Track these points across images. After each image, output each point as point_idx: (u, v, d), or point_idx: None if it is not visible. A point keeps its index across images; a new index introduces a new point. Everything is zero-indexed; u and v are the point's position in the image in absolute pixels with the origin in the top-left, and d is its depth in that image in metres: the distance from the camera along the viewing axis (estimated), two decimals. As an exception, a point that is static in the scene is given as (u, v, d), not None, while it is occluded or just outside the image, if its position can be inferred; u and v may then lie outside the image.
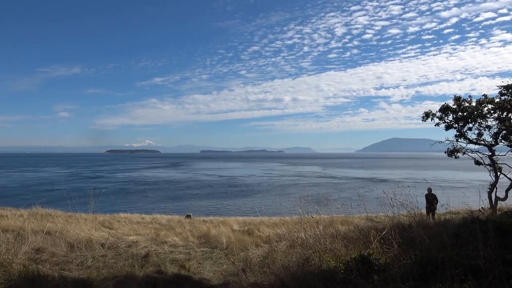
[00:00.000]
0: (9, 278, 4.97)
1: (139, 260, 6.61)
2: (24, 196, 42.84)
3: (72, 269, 5.88)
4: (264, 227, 10.62)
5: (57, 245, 7.06)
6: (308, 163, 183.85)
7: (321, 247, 6.02)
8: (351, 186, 52.11)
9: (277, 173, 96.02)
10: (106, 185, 59.83)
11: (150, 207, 35.10)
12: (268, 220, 13.37)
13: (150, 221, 15.22)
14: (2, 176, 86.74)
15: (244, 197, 45.84)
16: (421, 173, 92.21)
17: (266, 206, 32.25)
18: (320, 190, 47.85)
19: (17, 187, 58.24)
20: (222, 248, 8.13)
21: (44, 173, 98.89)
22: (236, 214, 25.39)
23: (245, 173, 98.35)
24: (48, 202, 15.96)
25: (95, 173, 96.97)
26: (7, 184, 64.73)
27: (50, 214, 14.57)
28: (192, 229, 11.56)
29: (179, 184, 63.72)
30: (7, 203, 16.57)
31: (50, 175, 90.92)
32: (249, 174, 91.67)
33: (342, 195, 41.68)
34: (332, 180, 70.56)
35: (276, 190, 52.70)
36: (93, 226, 10.11)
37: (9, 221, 10.77)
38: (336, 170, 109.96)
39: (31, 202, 16.12)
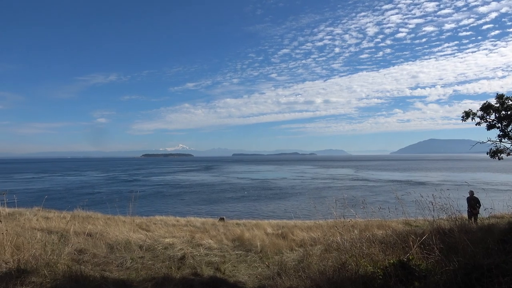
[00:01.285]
0: (54, 277, 5.20)
1: (175, 262, 6.73)
2: (67, 199, 44.84)
3: (112, 270, 6.06)
4: (298, 231, 10.53)
5: (97, 247, 7.32)
6: (341, 165, 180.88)
7: (358, 252, 5.89)
8: (387, 189, 50.74)
9: (309, 176, 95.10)
10: (142, 188, 61.52)
11: (184, 210, 35.73)
12: (302, 224, 13.25)
13: (185, 224, 15.48)
14: (47, 179, 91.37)
15: (278, 200, 45.66)
16: (460, 175, 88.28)
17: (299, 209, 32.04)
18: (356, 193, 46.99)
19: (61, 190, 61.06)
20: (256, 251, 8.12)
21: (84, 176, 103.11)
22: (269, 217, 25.34)
23: (277, 176, 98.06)
24: (88, 204, 16.65)
25: (131, 177, 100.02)
26: (51, 187, 68.09)
27: (91, 216, 15.18)
28: (226, 232, 11.66)
29: (212, 187, 64.46)
30: (51, 206, 17.40)
31: (90, 178, 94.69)
32: (281, 177, 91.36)
33: (378, 198, 40.69)
34: (368, 183, 68.95)
35: (310, 193, 52.17)
36: (131, 228, 10.43)
37: (54, 223, 11.31)
38: (369, 173, 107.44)
39: (73, 204, 16.87)
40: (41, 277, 5.11)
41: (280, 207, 38.59)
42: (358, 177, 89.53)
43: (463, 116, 15.67)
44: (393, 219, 13.05)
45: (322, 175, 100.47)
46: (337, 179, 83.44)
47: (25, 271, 5.20)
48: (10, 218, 12.20)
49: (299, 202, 42.48)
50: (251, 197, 48.69)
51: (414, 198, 7.80)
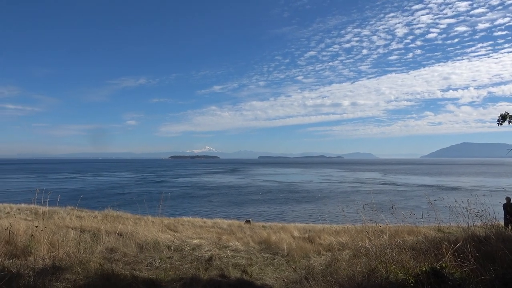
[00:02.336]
0: (87, 275, 5.35)
1: (203, 263, 6.78)
2: (99, 199, 46.32)
3: (142, 269, 6.18)
4: (325, 235, 10.38)
5: (128, 246, 7.48)
6: (368, 169, 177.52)
7: (388, 258, 5.73)
8: (418, 194, 49.36)
9: (335, 179, 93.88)
10: (170, 190, 62.64)
11: (211, 212, 36.12)
12: (329, 228, 13.06)
13: (212, 225, 15.64)
14: (79, 180, 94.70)
15: (304, 203, 45.32)
16: (496, 180, 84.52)
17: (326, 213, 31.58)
18: (385, 197, 45.96)
19: (93, 190, 63.16)
20: (283, 254, 8.06)
21: (115, 177, 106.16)
22: (296, 221, 25.17)
23: (303, 179, 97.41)
24: (119, 205, 17.13)
25: (159, 178, 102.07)
26: (84, 187, 70.55)
27: (121, 216, 15.59)
28: (253, 234, 11.65)
29: (239, 190, 64.81)
30: (84, 205, 18.02)
31: (120, 179, 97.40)
32: (307, 180, 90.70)
33: (409, 203, 39.59)
34: (397, 188, 67.30)
35: (338, 196, 51.50)
36: (160, 229, 10.62)
37: (86, 222, 11.68)
38: (397, 177, 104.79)
39: (104, 204, 17.45)
40: (74, 274, 5.28)
41: (306, 211, 38.29)
42: (386, 181, 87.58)
43: (499, 119, 14.96)
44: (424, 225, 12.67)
45: (349, 178, 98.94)
46: (365, 183, 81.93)
47: (60, 268, 5.39)
48: (46, 217, 12.72)
49: (326, 205, 41.97)
50: (277, 200, 48.57)
51: (447, 204, 7.52)
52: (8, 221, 8.79)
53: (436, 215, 7.44)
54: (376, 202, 8.16)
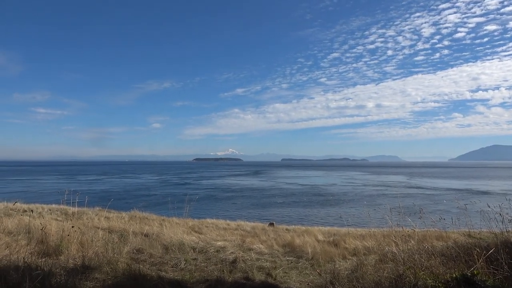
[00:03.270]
0: (115, 274, 5.47)
1: (227, 265, 6.81)
2: (126, 200, 47.38)
3: (167, 270, 6.26)
4: (350, 239, 10.19)
5: (154, 247, 7.61)
6: (393, 172, 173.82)
7: (416, 264, 5.58)
8: (448, 198, 47.88)
9: (359, 183, 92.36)
10: (194, 192, 63.41)
11: (234, 214, 36.26)
12: (354, 232, 12.83)
13: (236, 228, 15.67)
14: (106, 181, 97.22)
15: (329, 206, 44.78)
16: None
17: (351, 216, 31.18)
18: (412, 201, 44.89)
19: (120, 192, 64.69)
20: (307, 258, 7.97)
21: (140, 179, 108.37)
22: (320, 224, 24.93)
23: (326, 182, 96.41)
24: (145, 206, 17.47)
25: (183, 180, 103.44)
26: (111, 189, 72.39)
27: (147, 218, 15.88)
28: (276, 237, 11.61)
29: (262, 192, 64.81)
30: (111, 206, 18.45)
31: (145, 181, 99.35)
32: (330, 183, 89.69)
33: (438, 208, 38.45)
34: (425, 191, 65.52)
35: (363, 200, 50.58)
36: (185, 230, 10.75)
37: (114, 222, 11.95)
38: (424, 180, 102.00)
39: (131, 205, 17.83)
40: (103, 274, 5.41)
41: (331, 214, 37.84)
42: (412, 184, 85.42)
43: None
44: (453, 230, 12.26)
45: (373, 181, 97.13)
46: (390, 186, 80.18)
47: (89, 267, 5.53)
48: (76, 217, 13.12)
49: (351, 209, 41.39)
50: (301, 203, 48.24)
51: (478, 208, 7.27)
52: (40, 221, 9.12)
53: (467, 220, 7.19)
54: (403, 206, 7.95)
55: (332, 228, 16.79)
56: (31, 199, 24.75)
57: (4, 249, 5.99)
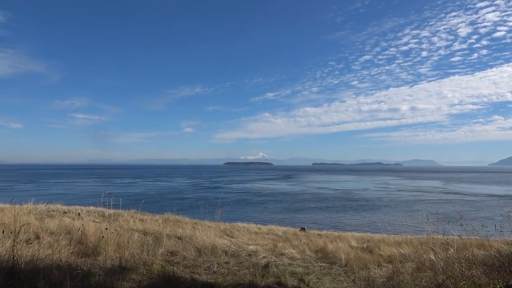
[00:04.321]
0: (150, 276, 5.58)
1: (259, 269, 6.78)
2: (160, 203, 48.56)
3: (201, 273, 6.32)
4: (385, 246, 9.90)
5: (187, 250, 7.71)
6: (429, 177, 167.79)
7: (456, 273, 5.35)
8: (490, 205, 45.66)
9: (393, 188, 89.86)
10: (226, 196, 63.99)
11: (265, 218, 36.25)
12: (389, 238, 12.45)
13: (267, 232, 15.62)
14: (141, 185, 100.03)
15: (363, 211, 43.83)
16: None
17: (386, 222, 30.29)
18: (452, 207, 43.20)
19: (154, 195, 66.40)
20: (341, 264, 7.81)
21: (173, 183, 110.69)
22: (353, 230, 24.43)
23: (358, 186, 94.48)
24: (178, 209, 17.79)
25: (214, 184, 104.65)
26: (145, 192, 74.43)
27: (180, 220, 16.14)
28: (308, 242, 11.46)
29: (294, 196, 64.43)
30: (145, 209, 18.94)
31: (178, 184, 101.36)
32: (363, 188, 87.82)
33: (479, 215, 36.71)
34: (464, 197, 62.82)
35: (399, 206, 49.17)
36: (217, 234, 10.84)
37: (148, 225, 12.24)
38: (462, 186, 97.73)
39: (165, 208, 18.22)
40: (139, 275, 5.54)
41: (364, 220, 37.01)
42: (450, 190, 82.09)
43: None
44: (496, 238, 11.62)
45: (408, 187, 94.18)
46: (426, 191, 77.43)
47: (126, 268, 5.68)
48: (112, 219, 13.53)
49: (386, 215, 40.29)
50: (334, 208, 47.51)
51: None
52: (79, 222, 9.47)
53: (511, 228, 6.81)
54: (441, 213, 7.64)
55: (365, 234, 16.39)
56: (70, 201, 25.87)
57: (47, 248, 6.27)
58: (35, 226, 8.51)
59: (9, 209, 10.66)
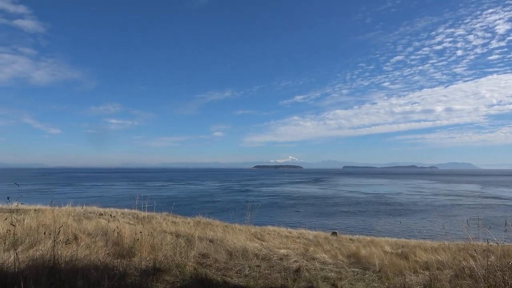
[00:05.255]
0: (183, 278, 5.66)
1: (291, 274, 6.72)
2: (191, 206, 49.32)
3: (232, 275, 6.34)
4: (420, 252, 9.56)
5: (218, 252, 7.77)
6: (465, 180, 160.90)
7: (498, 281, 5.09)
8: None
9: (428, 191, 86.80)
10: (256, 199, 64.14)
11: (295, 222, 35.96)
12: (425, 244, 12.03)
13: (298, 236, 15.51)
14: (172, 188, 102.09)
15: (398, 216, 42.50)
16: None
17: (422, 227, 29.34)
18: (494, 213, 41.28)
19: (185, 198, 67.57)
20: (374, 270, 7.59)
21: (203, 186, 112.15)
22: (386, 235, 23.79)
23: (391, 190, 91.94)
24: (209, 212, 18.04)
25: (244, 187, 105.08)
26: (177, 195, 75.90)
27: (210, 223, 16.32)
28: (340, 247, 11.27)
29: (325, 200, 63.62)
30: (177, 211, 19.32)
31: (208, 188, 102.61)
32: (395, 192, 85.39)
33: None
34: (506, 202, 59.77)
35: (435, 210, 47.40)
36: (247, 237, 10.86)
37: (180, 227, 12.43)
38: (502, 190, 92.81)
39: (196, 211, 18.52)
40: (172, 276, 5.63)
41: (398, 224, 35.94)
42: (489, 194, 78.33)
43: None
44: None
45: (443, 191, 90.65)
46: (463, 196, 74.27)
47: (160, 270, 5.79)
48: (146, 221, 13.87)
49: (423, 220, 38.95)
50: (367, 212, 46.46)
51: None
52: (114, 224, 9.77)
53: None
54: (482, 218, 7.28)
55: (399, 240, 15.94)
56: (106, 204, 26.76)
57: (84, 249, 6.51)
58: (73, 227, 8.84)
59: (49, 211, 11.14)
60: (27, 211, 10.64)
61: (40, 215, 9.57)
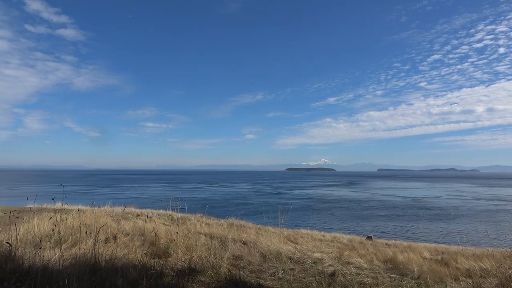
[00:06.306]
0: (218, 279, 5.71)
1: (326, 278, 6.61)
2: (224, 208, 49.90)
3: (266, 278, 6.33)
4: (462, 258, 9.13)
5: (252, 255, 7.78)
6: (510, 184, 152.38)
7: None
8: None
9: (468, 196, 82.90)
10: (288, 201, 63.88)
11: (329, 225, 35.48)
12: (467, 250, 11.48)
13: (331, 240, 15.28)
14: (206, 190, 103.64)
15: (438, 221, 40.87)
16: None
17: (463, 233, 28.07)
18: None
19: (219, 200, 68.43)
20: (413, 276, 7.31)
21: (236, 188, 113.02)
22: (424, 240, 22.94)
23: (429, 194, 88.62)
24: (241, 214, 18.17)
25: (276, 190, 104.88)
26: (211, 197, 76.99)
27: (243, 225, 16.41)
28: (376, 252, 10.97)
29: (360, 204, 62.33)
30: (210, 213, 19.62)
31: (240, 190, 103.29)
32: (434, 196, 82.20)
33: None
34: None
35: (479, 215, 45.19)
36: (280, 240, 10.81)
37: (214, 229, 12.60)
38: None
39: (229, 213, 18.69)
40: (208, 277, 5.70)
41: (437, 229, 34.56)
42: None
43: None
44: None
45: (485, 195, 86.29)
46: (508, 200, 70.30)
47: (195, 270, 5.88)
48: (180, 222, 14.14)
49: (466, 225, 37.25)
50: (405, 216, 45.00)
51: None
52: (151, 224, 10.04)
53: None
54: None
55: (439, 245, 15.31)
56: (142, 205, 27.59)
57: (123, 248, 6.73)
58: (112, 227, 9.16)
59: (89, 211, 11.62)
60: (69, 211, 11.17)
61: (82, 215, 10.00)
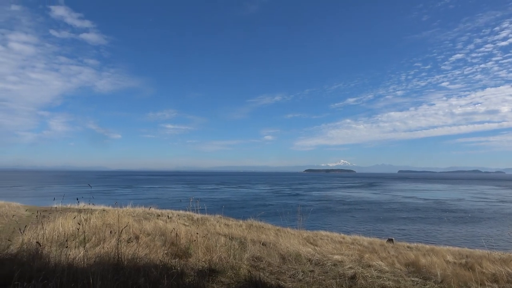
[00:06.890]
0: (238, 280, 5.74)
1: (346, 280, 6.55)
2: (243, 209, 50.05)
3: (286, 280, 6.31)
4: (488, 263, 8.86)
5: (271, 256, 7.78)
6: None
7: None
8: None
9: (493, 198, 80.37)
10: (307, 203, 63.53)
11: (349, 227, 35.07)
12: (493, 254, 11.14)
13: (351, 242, 15.10)
14: (225, 191, 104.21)
15: (461, 224, 39.77)
16: None
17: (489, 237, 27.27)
18: None
19: (238, 201, 68.69)
20: (436, 281, 7.14)
21: (254, 189, 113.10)
22: (447, 243, 22.38)
23: (452, 196, 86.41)
24: (260, 215, 18.20)
25: (294, 191, 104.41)
26: (230, 198, 77.39)
27: (263, 227, 16.42)
28: (398, 255, 10.78)
29: (381, 206, 61.34)
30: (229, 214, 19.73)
31: (259, 191, 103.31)
32: (456, 198, 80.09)
33: None
34: None
35: (505, 219, 43.76)
36: (300, 241, 10.78)
37: (233, 230, 12.66)
38: None
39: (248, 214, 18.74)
40: (227, 278, 5.74)
41: (461, 233, 33.65)
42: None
43: None
44: None
45: (510, 197, 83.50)
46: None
47: (215, 271, 5.93)
48: (200, 223, 14.28)
49: (491, 228, 36.17)
50: (428, 219, 43.97)
51: None
52: (171, 225, 10.17)
53: None
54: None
55: (462, 249, 14.91)
56: (163, 205, 27.97)
57: (144, 248, 6.84)
58: (134, 227, 9.33)
59: (112, 211, 11.86)
60: (93, 211, 11.44)
61: (105, 215, 10.22)
